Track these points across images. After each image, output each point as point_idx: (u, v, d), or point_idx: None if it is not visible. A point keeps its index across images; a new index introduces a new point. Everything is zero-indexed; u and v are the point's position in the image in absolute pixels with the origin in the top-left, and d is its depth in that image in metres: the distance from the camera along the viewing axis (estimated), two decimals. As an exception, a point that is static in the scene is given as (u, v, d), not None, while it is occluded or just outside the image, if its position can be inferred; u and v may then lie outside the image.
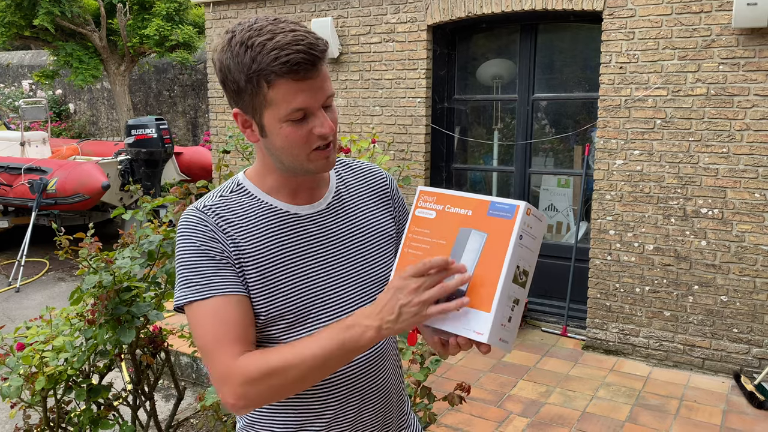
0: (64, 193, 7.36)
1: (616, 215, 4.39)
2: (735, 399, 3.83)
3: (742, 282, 4.04)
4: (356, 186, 1.35)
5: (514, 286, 1.08)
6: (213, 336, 1.12)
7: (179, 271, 1.16)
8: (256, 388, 1.09)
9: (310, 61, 1.07)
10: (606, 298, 4.49)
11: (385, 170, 1.42)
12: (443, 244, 1.12)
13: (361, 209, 1.32)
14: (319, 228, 1.25)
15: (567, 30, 4.92)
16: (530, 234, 1.10)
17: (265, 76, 1.07)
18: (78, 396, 2.49)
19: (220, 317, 1.12)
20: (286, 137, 1.12)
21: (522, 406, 3.76)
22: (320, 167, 1.18)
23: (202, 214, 1.17)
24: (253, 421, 1.28)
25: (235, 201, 1.21)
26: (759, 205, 3.94)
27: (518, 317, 1.12)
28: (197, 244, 1.15)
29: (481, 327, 1.05)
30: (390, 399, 1.33)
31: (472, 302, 1.07)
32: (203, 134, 12.48)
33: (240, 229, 1.18)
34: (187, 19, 11.32)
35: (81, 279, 2.34)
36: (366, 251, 1.29)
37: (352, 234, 1.28)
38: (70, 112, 14.87)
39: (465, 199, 1.14)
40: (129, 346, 2.59)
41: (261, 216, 1.21)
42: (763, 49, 3.84)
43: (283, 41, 1.06)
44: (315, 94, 1.10)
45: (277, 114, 1.11)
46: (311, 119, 1.12)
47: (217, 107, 6.28)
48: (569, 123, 5.01)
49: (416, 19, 5.05)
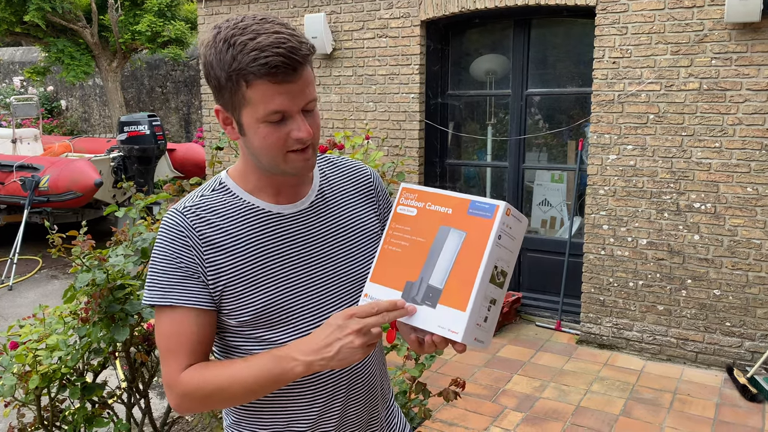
0: (56, 190, 7.32)
1: (610, 210, 4.40)
2: (728, 392, 3.86)
3: (734, 276, 4.06)
4: (340, 183, 1.34)
5: (491, 286, 1.08)
6: (166, 345, 1.17)
7: (150, 271, 1.19)
8: (193, 401, 1.16)
9: (289, 65, 1.06)
10: (600, 292, 4.51)
11: (370, 166, 1.41)
12: (422, 242, 1.13)
13: (345, 207, 1.31)
14: (301, 227, 1.24)
15: (560, 25, 4.92)
16: (509, 234, 1.10)
17: (244, 75, 1.06)
18: (72, 394, 2.48)
19: (176, 328, 1.16)
20: (264, 138, 1.12)
21: (516, 400, 3.78)
22: (297, 169, 1.17)
23: (181, 217, 1.17)
24: (239, 419, 1.29)
25: (215, 200, 1.21)
26: (751, 199, 3.96)
27: (495, 317, 1.12)
28: (169, 250, 1.16)
29: (456, 326, 1.05)
30: (375, 393, 1.34)
31: (449, 301, 1.07)
32: (196, 131, 12.43)
33: (219, 230, 1.18)
34: (179, 15, 11.26)
35: (74, 277, 2.33)
36: (350, 249, 1.28)
37: (335, 232, 1.27)
38: (62, 109, 14.78)
39: (446, 197, 1.14)
40: (123, 343, 2.58)
41: (242, 216, 1.20)
42: (755, 44, 3.85)
43: (264, 43, 1.05)
44: (294, 98, 1.09)
45: (254, 114, 1.10)
46: (290, 122, 1.11)
47: (210, 103, 6.26)
48: (563, 118, 5.02)
49: (409, 14, 5.04)
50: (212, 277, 1.16)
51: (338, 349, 1.05)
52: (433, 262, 1.11)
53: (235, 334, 1.22)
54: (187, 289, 1.15)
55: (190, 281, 1.15)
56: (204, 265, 1.16)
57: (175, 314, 1.15)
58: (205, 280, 1.16)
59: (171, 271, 1.16)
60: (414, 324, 1.10)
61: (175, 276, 1.15)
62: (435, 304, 1.08)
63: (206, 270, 1.16)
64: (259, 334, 1.20)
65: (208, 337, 1.19)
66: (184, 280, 1.15)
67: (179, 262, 1.15)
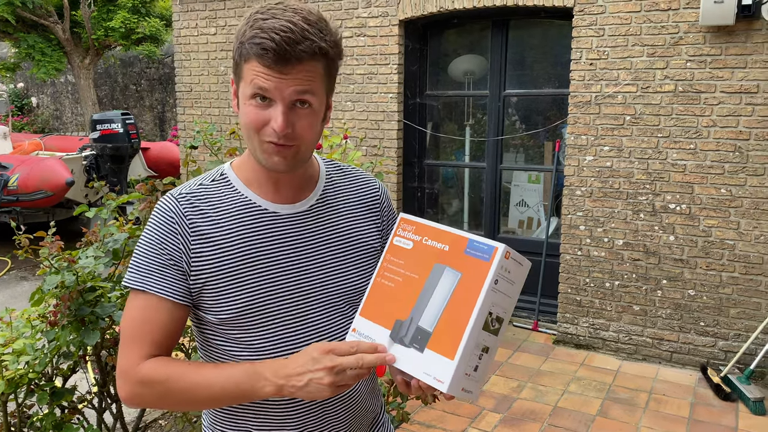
0: (26, 189, 7.17)
1: (587, 211, 4.43)
2: (702, 391, 3.90)
3: (708, 276, 4.11)
4: (345, 193, 1.30)
5: (484, 334, 1.02)
6: (131, 330, 1.13)
7: (134, 253, 1.17)
8: (149, 394, 1.12)
9: (279, 53, 1.04)
10: (576, 292, 4.53)
11: (380, 182, 1.38)
12: (415, 279, 1.07)
13: (346, 217, 1.27)
14: (296, 230, 1.20)
15: (538, 26, 4.94)
16: (508, 279, 1.03)
17: (244, 50, 1.08)
18: (40, 400, 2.40)
19: (146, 315, 1.13)
20: (246, 115, 1.11)
21: (494, 401, 3.77)
22: (272, 163, 1.13)
23: (174, 203, 1.16)
24: (215, 421, 1.26)
25: (213, 191, 1.19)
26: (725, 200, 4.01)
27: (486, 366, 1.05)
28: (156, 235, 1.14)
29: (443, 375, 0.99)
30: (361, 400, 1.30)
31: (437, 346, 1.01)
32: (171, 129, 12.28)
33: (211, 221, 1.16)
34: (153, 11, 11.11)
35: (43, 279, 2.26)
36: (343, 261, 1.24)
37: (331, 241, 1.23)
38: (33, 106, 14.49)
39: (444, 232, 1.08)
40: (94, 347, 2.51)
41: (237, 210, 1.18)
42: (729, 47, 3.90)
43: (268, 25, 1.05)
44: (279, 87, 1.07)
45: (245, 89, 1.10)
46: (273, 110, 1.09)
47: (184, 102, 6.17)
48: (540, 119, 5.04)
49: (388, 13, 5.02)
50: (195, 268, 1.14)
51: (306, 382, 1.02)
52: (425, 302, 1.05)
53: (215, 333, 1.19)
54: (166, 279, 1.13)
55: (171, 271, 1.13)
56: (189, 254, 1.13)
57: (148, 301, 1.13)
58: (187, 271, 1.13)
59: (153, 257, 1.14)
60: (400, 368, 1.05)
61: (157, 262, 1.13)
62: (423, 348, 1.02)
63: (190, 260, 1.13)
64: (236, 335, 1.17)
65: (175, 331, 1.15)
66: (165, 269, 1.13)
67: (163, 249, 1.13)
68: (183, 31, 6.05)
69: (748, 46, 3.85)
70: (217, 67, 5.91)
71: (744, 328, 4.04)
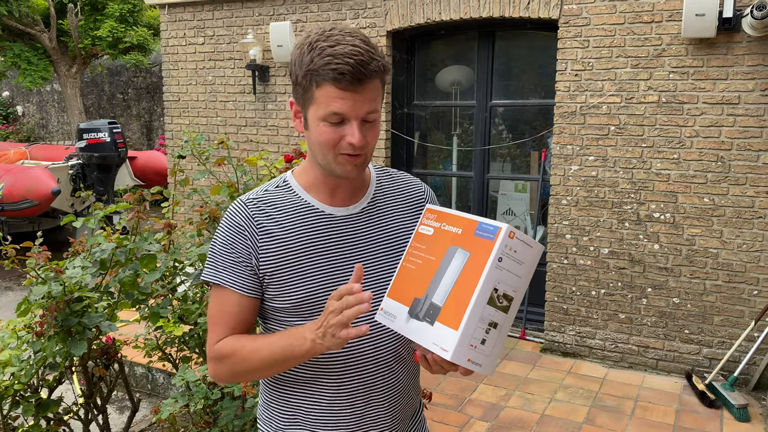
0: (11, 199, 7.10)
1: (572, 220, 4.47)
2: (687, 398, 3.94)
3: (692, 284, 4.16)
4: (393, 195, 1.43)
5: (489, 309, 1.09)
6: (212, 317, 1.33)
7: (210, 251, 1.34)
8: (221, 367, 1.30)
9: (355, 75, 1.17)
10: (563, 301, 4.56)
11: (425, 185, 1.51)
12: (433, 261, 1.17)
13: (395, 217, 1.40)
14: (349, 230, 1.34)
15: (524, 37, 4.99)
16: (514, 258, 1.10)
17: (316, 76, 1.19)
18: (26, 411, 2.39)
19: (222, 306, 1.31)
20: (321, 134, 1.23)
21: (482, 410, 3.79)
22: (345, 171, 1.27)
23: (243, 206, 1.32)
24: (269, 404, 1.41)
25: (277, 196, 1.34)
26: (708, 209, 4.07)
27: (496, 341, 1.12)
28: (229, 236, 1.30)
29: (448, 344, 1.07)
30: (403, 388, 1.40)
31: (445, 319, 1.09)
32: (158, 138, 12.23)
33: (275, 222, 1.30)
34: (141, 20, 11.10)
35: (29, 289, 2.25)
36: (391, 258, 1.35)
37: (381, 240, 1.36)
38: (18, 115, 14.38)
39: (459, 218, 1.19)
40: (80, 358, 2.50)
41: (297, 212, 1.32)
42: (711, 59, 3.97)
43: (339, 51, 1.17)
44: (354, 105, 1.19)
45: (317, 112, 1.22)
46: (347, 127, 1.21)
47: (172, 111, 6.16)
48: (526, 129, 5.08)
49: (375, 24, 5.06)
50: (264, 263, 1.28)
51: (324, 331, 1.14)
52: (438, 280, 1.14)
53: (276, 321, 1.33)
54: (237, 274, 1.29)
55: (242, 267, 1.29)
56: (258, 252, 1.28)
57: (223, 293, 1.30)
58: (256, 265, 1.29)
59: (226, 255, 1.30)
60: (413, 339, 1.14)
61: (229, 260, 1.29)
62: (434, 321, 1.11)
63: (259, 256, 1.28)
64: (295, 323, 1.29)
65: (248, 319, 1.32)
66: (236, 266, 1.29)
67: (234, 248, 1.29)
68: (171, 40, 6.05)
69: (729, 58, 3.93)
70: (205, 76, 5.92)
71: (728, 335, 4.09)
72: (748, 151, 3.94)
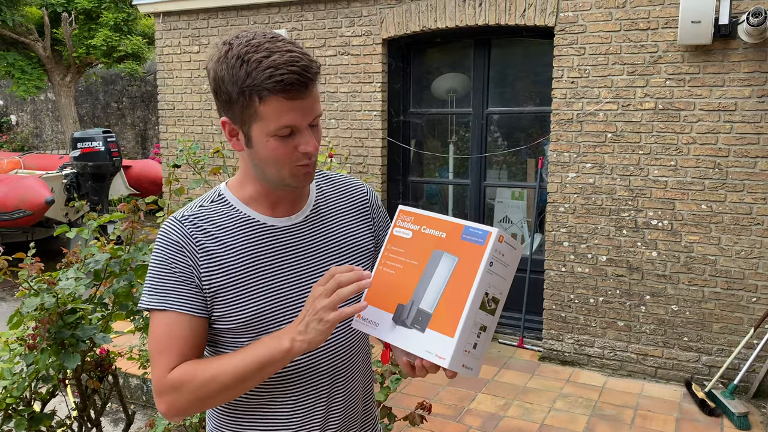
0: (4, 208, 7.06)
1: (570, 227, 4.45)
2: (687, 406, 3.91)
3: (691, 292, 4.14)
4: (336, 199, 1.38)
5: (481, 313, 1.08)
6: (157, 346, 1.20)
7: (148, 276, 1.23)
8: (182, 397, 1.16)
9: (302, 82, 1.11)
10: (561, 309, 4.54)
11: (366, 184, 1.46)
12: (415, 265, 1.13)
13: (339, 223, 1.35)
14: (294, 240, 1.27)
15: (520, 45, 4.99)
16: (502, 261, 1.10)
17: (258, 91, 1.11)
18: (18, 425, 2.34)
19: (169, 331, 1.19)
20: (272, 150, 1.16)
21: (481, 420, 3.75)
22: (300, 182, 1.22)
23: (179, 225, 1.23)
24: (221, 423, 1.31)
25: (214, 211, 1.26)
26: (706, 216, 4.06)
27: (485, 344, 1.11)
28: (166, 257, 1.21)
29: (444, 351, 1.05)
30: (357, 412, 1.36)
31: (437, 326, 1.07)
32: (153, 147, 12.19)
33: (215, 239, 1.22)
34: (136, 29, 11.09)
35: (21, 301, 2.21)
36: (339, 264, 1.30)
37: (327, 247, 1.30)
38: (12, 124, 14.32)
39: (441, 221, 1.15)
40: (74, 370, 2.46)
41: (237, 226, 1.25)
42: (707, 66, 3.97)
43: (279, 60, 1.10)
44: (304, 113, 1.14)
45: (265, 128, 1.14)
46: (297, 136, 1.16)
47: (167, 119, 6.13)
48: (522, 136, 5.08)
49: (371, 32, 5.05)
50: (206, 283, 1.20)
51: (306, 324, 1.10)
52: (425, 286, 1.11)
53: (226, 344, 1.24)
54: (181, 295, 1.19)
55: (185, 287, 1.19)
56: (199, 270, 1.20)
57: (169, 318, 1.19)
58: (199, 285, 1.20)
59: (166, 276, 1.20)
60: (402, 347, 1.11)
61: (170, 281, 1.20)
62: (424, 328, 1.08)
63: (201, 275, 1.20)
64: (246, 342, 1.22)
65: (199, 343, 1.21)
66: (179, 286, 1.19)
67: (174, 268, 1.20)
68: (166, 49, 6.04)
69: (725, 65, 3.93)
70: (200, 85, 5.89)
71: (727, 342, 4.07)
72: (745, 158, 3.94)
